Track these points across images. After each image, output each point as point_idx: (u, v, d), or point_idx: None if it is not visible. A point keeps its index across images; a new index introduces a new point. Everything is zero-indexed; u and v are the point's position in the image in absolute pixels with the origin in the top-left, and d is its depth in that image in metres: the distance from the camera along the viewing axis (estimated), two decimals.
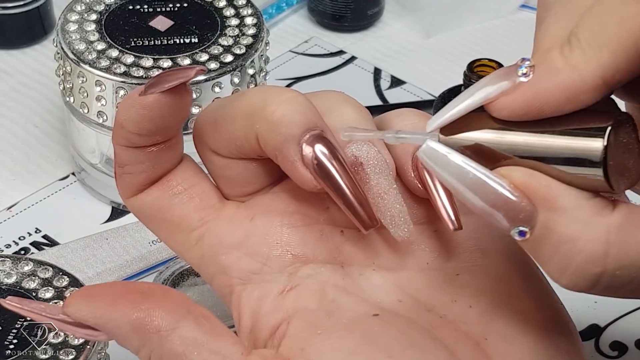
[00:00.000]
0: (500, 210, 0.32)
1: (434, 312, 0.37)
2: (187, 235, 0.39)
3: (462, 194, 0.33)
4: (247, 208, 0.39)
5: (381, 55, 0.78)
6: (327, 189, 0.36)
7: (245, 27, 0.62)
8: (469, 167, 0.33)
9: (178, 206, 0.39)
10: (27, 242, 0.62)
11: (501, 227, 0.32)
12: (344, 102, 0.38)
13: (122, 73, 0.58)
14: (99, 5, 0.63)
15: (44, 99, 0.72)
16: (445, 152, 0.33)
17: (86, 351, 0.44)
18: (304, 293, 0.37)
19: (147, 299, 0.34)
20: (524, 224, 0.32)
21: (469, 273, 0.38)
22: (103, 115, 0.60)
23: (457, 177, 0.33)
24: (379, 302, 0.37)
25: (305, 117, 0.36)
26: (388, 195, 0.37)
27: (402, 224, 0.37)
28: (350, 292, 0.37)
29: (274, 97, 0.36)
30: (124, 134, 0.37)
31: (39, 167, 0.67)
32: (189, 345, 0.34)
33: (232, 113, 0.37)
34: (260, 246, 0.38)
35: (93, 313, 0.35)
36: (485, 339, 0.36)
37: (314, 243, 0.38)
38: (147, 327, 0.34)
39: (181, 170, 0.39)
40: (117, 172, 0.39)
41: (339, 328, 0.36)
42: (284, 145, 0.36)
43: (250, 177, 0.38)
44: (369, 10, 0.79)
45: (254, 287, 0.38)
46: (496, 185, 0.32)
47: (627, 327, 0.58)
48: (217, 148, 0.38)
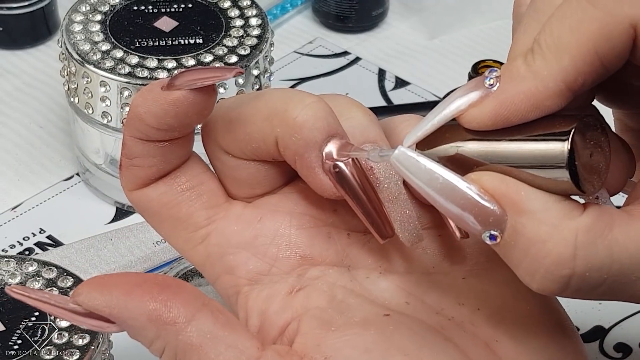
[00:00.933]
0: (471, 214, 0.32)
1: (442, 314, 0.37)
2: (192, 233, 0.39)
3: (434, 199, 0.33)
4: (255, 208, 0.38)
5: (385, 56, 0.78)
6: (346, 197, 0.36)
7: (249, 27, 0.62)
8: (439, 172, 0.33)
9: (185, 203, 0.38)
10: (31, 243, 0.62)
11: (474, 231, 0.33)
12: (352, 105, 0.38)
13: (126, 74, 0.58)
14: (103, 6, 0.63)
15: (49, 100, 0.72)
16: (416, 158, 0.33)
17: (90, 352, 0.44)
18: (313, 293, 0.37)
19: (163, 289, 0.34)
20: (494, 227, 0.32)
21: (474, 277, 0.38)
22: (107, 116, 0.60)
23: (428, 183, 0.33)
24: (387, 304, 0.37)
25: (327, 123, 0.36)
26: (398, 200, 0.37)
27: (411, 229, 0.37)
28: (359, 294, 0.37)
29: (296, 101, 0.36)
30: (141, 127, 0.36)
31: (44, 168, 0.67)
32: (205, 338, 0.34)
33: (251, 114, 0.37)
34: (268, 247, 0.38)
35: (107, 302, 0.34)
36: (496, 341, 0.36)
37: (321, 245, 0.38)
38: (164, 318, 0.34)
39: (189, 167, 0.39)
40: (124, 164, 0.38)
41: (353, 325, 0.35)
42: (305, 150, 0.35)
43: (261, 179, 0.38)
44: (373, 11, 0.79)
45: (261, 287, 0.38)
46: (466, 189, 0.32)
47: (631, 329, 0.58)
48: (230, 148, 0.38)
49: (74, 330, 0.45)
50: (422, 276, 0.38)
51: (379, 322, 0.36)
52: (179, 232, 0.39)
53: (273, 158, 0.37)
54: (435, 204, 0.33)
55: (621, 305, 0.59)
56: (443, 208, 0.33)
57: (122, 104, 0.59)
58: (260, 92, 0.38)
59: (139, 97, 0.36)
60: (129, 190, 0.39)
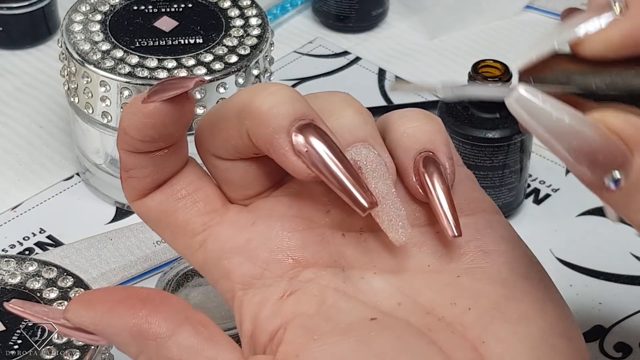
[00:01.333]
0: (594, 156, 0.31)
1: (433, 314, 0.37)
2: (190, 240, 0.39)
3: (554, 143, 0.31)
4: (249, 212, 0.39)
5: (385, 55, 0.78)
6: (321, 176, 0.36)
7: (249, 27, 0.62)
8: (563, 112, 0.31)
9: (181, 210, 0.39)
10: (31, 243, 0.62)
11: (589, 178, 0.31)
12: (345, 104, 0.38)
13: (126, 73, 0.58)
14: (103, 6, 0.63)
15: (49, 100, 0.72)
16: (538, 98, 0.31)
17: (90, 352, 0.44)
18: (303, 298, 0.37)
19: (145, 305, 0.35)
20: (620, 168, 0.31)
21: (469, 275, 0.37)
22: (107, 116, 0.60)
23: (550, 124, 0.31)
24: (378, 306, 0.37)
25: (293, 107, 0.36)
26: (385, 199, 0.36)
27: (399, 229, 0.36)
28: (350, 296, 0.37)
29: (260, 91, 0.36)
30: (128, 140, 0.37)
31: (44, 168, 0.67)
32: (185, 353, 0.34)
33: (225, 113, 0.37)
34: (261, 251, 0.38)
35: (92, 319, 0.35)
36: (483, 342, 0.36)
37: (314, 247, 0.38)
38: (145, 333, 0.34)
39: (185, 174, 0.39)
40: (123, 176, 0.39)
41: (335, 334, 0.35)
42: (273, 137, 0.36)
43: (251, 180, 0.38)
44: (373, 11, 0.79)
45: (255, 292, 0.38)
46: (592, 130, 0.31)
47: (631, 328, 0.58)
48: (216, 151, 0.38)
49: None
50: (417, 274, 0.38)
51: (363, 327, 0.36)
52: (178, 239, 0.39)
53: (254, 153, 0.37)
54: (555, 149, 0.31)
55: (621, 305, 0.59)
56: (562, 153, 0.31)
57: (122, 103, 0.59)
58: (235, 92, 0.38)
59: (124, 111, 0.37)
60: (131, 201, 0.40)
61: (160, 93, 0.36)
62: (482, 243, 0.38)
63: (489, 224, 0.39)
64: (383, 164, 0.37)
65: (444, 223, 0.37)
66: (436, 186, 0.37)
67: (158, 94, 0.36)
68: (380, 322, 0.36)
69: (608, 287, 0.60)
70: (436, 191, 0.37)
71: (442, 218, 0.37)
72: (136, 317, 0.34)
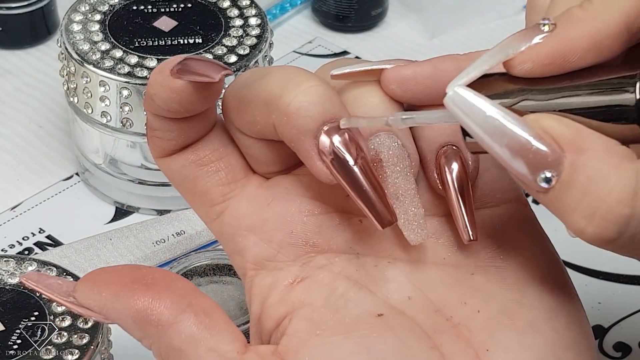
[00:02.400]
0: (528, 155, 0.31)
1: (442, 312, 0.36)
2: (209, 208, 0.39)
3: (488, 141, 0.32)
4: (268, 188, 0.38)
5: (385, 55, 0.78)
6: (344, 185, 0.35)
7: (249, 27, 0.62)
8: (496, 112, 0.32)
9: (203, 178, 0.38)
10: (30, 243, 0.62)
11: (524, 178, 0.32)
12: (371, 92, 0.37)
13: (126, 73, 0.58)
14: (103, 6, 0.63)
15: (48, 99, 0.72)
16: (472, 97, 0.32)
17: (90, 351, 0.44)
18: (313, 286, 0.37)
19: (149, 290, 0.35)
20: (551, 168, 0.31)
21: (483, 274, 0.37)
22: (107, 116, 0.60)
23: (483, 123, 0.32)
24: (388, 299, 0.37)
25: (323, 109, 0.35)
26: (404, 196, 0.36)
27: (416, 228, 0.36)
28: (362, 286, 0.37)
29: (292, 86, 0.35)
30: (153, 105, 0.37)
31: (43, 168, 0.67)
32: (185, 341, 0.34)
33: (253, 97, 0.36)
34: (276, 233, 0.38)
35: (97, 303, 0.35)
36: (487, 350, 0.35)
37: (330, 232, 0.38)
38: (147, 319, 0.34)
39: (211, 139, 0.38)
40: (148, 134, 0.38)
41: (338, 330, 0.35)
42: (299, 138, 0.35)
43: (274, 158, 0.38)
44: (372, 11, 0.79)
45: (266, 273, 0.38)
46: (524, 130, 0.31)
47: (631, 328, 0.58)
48: (241, 127, 0.38)
49: (74, 330, 0.45)
50: (431, 267, 0.37)
51: (367, 326, 0.36)
52: (197, 205, 0.39)
53: (279, 139, 0.37)
54: (489, 147, 0.32)
55: (621, 304, 0.59)
56: (496, 152, 0.32)
57: (121, 103, 0.59)
58: (265, 71, 0.37)
59: (152, 77, 0.36)
60: (155, 157, 0.39)
61: (187, 74, 0.35)
62: (501, 239, 0.37)
63: (512, 217, 0.38)
64: (406, 155, 0.36)
65: (460, 226, 0.36)
66: (456, 185, 0.36)
67: (185, 73, 0.35)
68: (386, 320, 0.36)
69: (608, 286, 0.60)
70: (456, 191, 0.36)
71: (458, 221, 0.36)
72: (139, 303, 0.35)
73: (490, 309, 0.36)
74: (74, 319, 0.45)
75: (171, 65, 0.36)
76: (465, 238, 0.36)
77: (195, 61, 0.36)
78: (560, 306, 0.37)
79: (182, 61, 0.36)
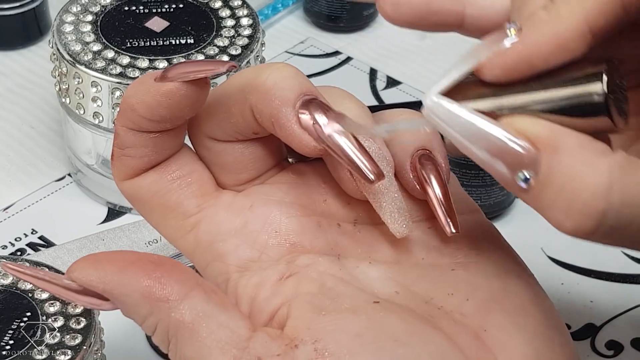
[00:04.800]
0: (505, 157, 0.32)
1: (431, 303, 0.37)
2: (182, 222, 0.39)
3: (467, 146, 0.33)
4: (246, 196, 0.39)
5: (377, 55, 0.78)
6: (328, 149, 0.36)
7: (241, 27, 0.62)
8: (473, 118, 0.33)
9: (175, 191, 0.39)
10: (23, 243, 0.62)
11: (504, 179, 0.33)
12: (345, 96, 0.38)
13: (118, 74, 0.58)
14: (94, 7, 0.63)
15: (40, 100, 0.72)
16: (450, 105, 0.33)
17: (82, 352, 0.44)
18: (303, 280, 0.37)
19: (158, 267, 0.35)
20: (529, 168, 0.32)
21: (463, 269, 0.38)
22: (99, 116, 0.60)
23: (461, 129, 0.33)
24: (377, 293, 0.37)
25: (298, 82, 0.36)
26: (388, 191, 0.37)
27: (401, 221, 0.37)
28: (348, 282, 0.37)
29: (264, 68, 0.36)
30: (133, 117, 0.37)
31: (35, 168, 0.67)
32: (197, 316, 0.34)
33: (225, 91, 0.37)
34: (258, 234, 0.38)
35: (101, 278, 0.34)
36: (485, 330, 0.36)
37: (312, 233, 0.38)
38: (157, 294, 0.34)
39: (180, 156, 0.39)
40: (116, 153, 0.38)
41: (344, 311, 0.36)
42: (279, 110, 0.36)
43: (246, 162, 0.38)
44: (364, 11, 0.79)
45: (251, 274, 0.38)
46: (500, 133, 0.32)
47: (623, 326, 0.58)
48: (213, 132, 0.38)
49: (66, 331, 0.45)
50: (411, 267, 0.38)
51: (369, 308, 0.36)
52: (169, 221, 0.39)
53: (254, 132, 0.37)
54: (468, 151, 0.33)
55: (613, 303, 0.59)
56: (475, 155, 0.33)
57: (113, 104, 0.59)
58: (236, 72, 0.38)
59: (132, 88, 0.36)
60: (120, 180, 0.39)
61: (181, 73, 0.36)
62: (475, 240, 0.38)
63: (478, 224, 0.39)
64: (384, 157, 0.37)
65: (443, 220, 0.37)
66: (434, 183, 0.37)
67: (178, 73, 0.36)
68: (384, 305, 0.36)
69: (599, 285, 0.60)
70: (434, 188, 0.37)
71: (439, 215, 0.37)
72: (149, 278, 0.34)
73: (477, 297, 0.37)
74: (66, 319, 0.45)
75: (155, 74, 0.36)
76: (448, 231, 0.37)
77: (188, 64, 0.36)
78: (540, 295, 0.38)
79: (168, 67, 0.36)
